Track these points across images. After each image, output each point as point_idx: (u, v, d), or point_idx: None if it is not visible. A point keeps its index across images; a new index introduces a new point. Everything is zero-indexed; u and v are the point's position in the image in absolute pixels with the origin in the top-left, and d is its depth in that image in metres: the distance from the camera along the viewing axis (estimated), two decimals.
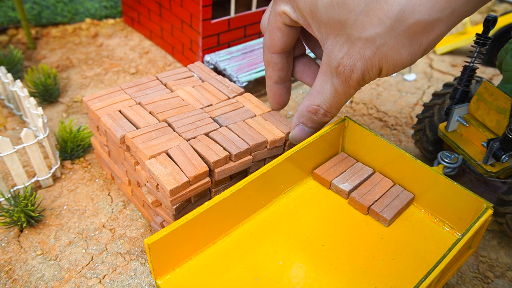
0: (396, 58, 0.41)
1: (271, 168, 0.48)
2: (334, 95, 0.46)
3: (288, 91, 0.55)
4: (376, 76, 0.44)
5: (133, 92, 0.59)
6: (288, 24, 0.48)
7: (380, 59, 0.41)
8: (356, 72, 0.42)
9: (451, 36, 1.01)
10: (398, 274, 0.45)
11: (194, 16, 0.79)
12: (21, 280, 0.50)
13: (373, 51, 0.41)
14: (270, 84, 0.54)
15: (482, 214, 0.45)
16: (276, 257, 0.46)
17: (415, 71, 0.92)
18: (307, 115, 0.50)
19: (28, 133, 0.56)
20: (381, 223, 0.50)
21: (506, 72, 0.54)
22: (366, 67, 0.42)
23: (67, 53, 0.89)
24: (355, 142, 0.56)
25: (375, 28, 0.39)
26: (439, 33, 0.40)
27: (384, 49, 0.40)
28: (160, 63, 0.88)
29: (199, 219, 0.43)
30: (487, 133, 0.56)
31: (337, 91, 0.45)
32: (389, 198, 0.51)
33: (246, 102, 0.59)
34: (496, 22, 0.54)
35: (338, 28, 0.42)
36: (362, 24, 0.40)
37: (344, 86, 0.45)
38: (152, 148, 0.50)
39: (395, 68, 0.42)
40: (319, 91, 0.47)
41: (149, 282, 0.50)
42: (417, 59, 0.42)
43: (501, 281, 0.53)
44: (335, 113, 0.49)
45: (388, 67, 0.42)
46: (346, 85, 0.44)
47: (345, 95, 0.46)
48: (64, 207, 0.58)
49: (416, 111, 0.80)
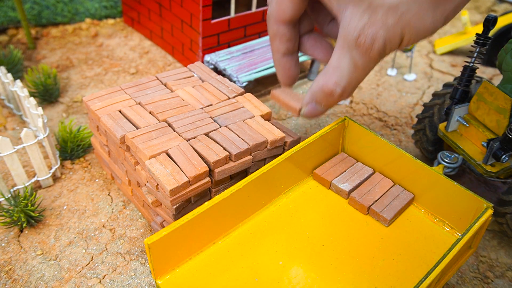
0: (419, 25, 0.40)
1: (271, 168, 0.48)
2: (353, 70, 0.43)
3: (297, 63, 0.52)
4: (397, 46, 0.42)
5: (133, 92, 0.59)
6: None
7: (403, 27, 0.40)
8: (378, 42, 0.40)
9: (451, 36, 1.01)
10: (398, 274, 0.45)
11: (194, 16, 0.79)
12: (21, 280, 0.50)
13: (396, 18, 0.39)
14: (278, 57, 0.51)
15: (482, 214, 0.45)
16: (276, 257, 0.46)
17: (415, 71, 0.92)
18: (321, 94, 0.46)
19: (28, 133, 0.56)
20: (381, 223, 0.50)
21: (506, 72, 0.54)
22: (388, 36, 0.40)
23: (67, 53, 0.89)
24: (355, 142, 0.56)
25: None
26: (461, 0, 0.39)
27: (408, 16, 0.39)
28: (160, 63, 0.88)
29: (199, 219, 0.43)
30: (487, 133, 0.56)
31: (356, 65, 0.43)
32: (389, 198, 0.51)
33: (246, 103, 0.59)
34: (496, 22, 0.54)
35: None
36: None
37: (365, 59, 0.42)
38: (152, 148, 0.50)
39: (418, 36, 0.41)
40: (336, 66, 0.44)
41: (149, 282, 0.50)
42: (439, 27, 0.41)
43: (501, 281, 0.53)
44: (352, 92, 0.46)
45: (411, 36, 0.41)
46: (366, 58, 0.42)
47: (365, 70, 0.43)
48: (64, 207, 0.58)
49: (416, 111, 0.80)
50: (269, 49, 0.81)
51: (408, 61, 0.94)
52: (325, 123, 0.76)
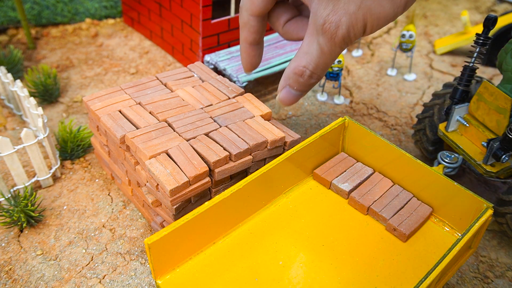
0: (379, 11, 0.42)
1: (271, 168, 0.48)
2: (320, 55, 0.47)
3: (260, 52, 0.56)
4: (361, 33, 0.44)
5: (133, 92, 0.59)
6: None
7: (365, 13, 0.42)
8: (342, 28, 0.43)
9: (451, 36, 1.01)
10: (398, 274, 0.45)
11: (194, 16, 0.79)
12: (21, 280, 0.50)
13: (357, 5, 0.42)
14: (245, 46, 0.55)
15: (482, 214, 0.45)
16: (276, 257, 0.46)
17: (415, 71, 0.92)
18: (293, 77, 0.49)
19: (28, 133, 0.56)
20: (381, 223, 0.50)
21: (506, 72, 0.54)
22: (351, 22, 0.43)
23: (67, 53, 0.89)
24: (355, 142, 0.56)
25: None
26: None
27: (368, 3, 0.42)
28: (160, 63, 0.88)
29: (199, 219, 0.43)
30: (487, 133, 0.56)
31: (323, 50, 0.46)
32: (388, 198, 0.51)
33: (246, 103, 0.59)
34: (496, 22, 0.54)
35: None
36: None
37: (330, 44, 0.45)
38: (152, 148, 0.50)
39: (379, 22, 0.43)
40: (306, 51, 0.47)
41: (149, 282, 0.50)
42: (399, 13, 0.43)
43: (501, 281, 0.53)
44: (321, 75, 0.49)
45: (373, 21, 0.43)
46: (332, 43, 0.45)
47: (331, 54, 0.46)
48: (64, 207, 0.58)
49: (416, 111, 0.80)
50: (269, 50, 0.82)
51: (408, 61, 0.94)
52: (325, 123, 0.76)
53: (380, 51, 0.98)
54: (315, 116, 0.77)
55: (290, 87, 0.51)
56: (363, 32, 0.44)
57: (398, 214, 0.49)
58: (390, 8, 0.42)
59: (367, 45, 1.01)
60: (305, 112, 0.78)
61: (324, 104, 0.81)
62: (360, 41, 0.99)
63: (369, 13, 0.42)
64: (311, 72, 0.48)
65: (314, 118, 0.77)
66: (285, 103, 0.52)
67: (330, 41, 0.44)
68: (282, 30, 0.54)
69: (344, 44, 0.45)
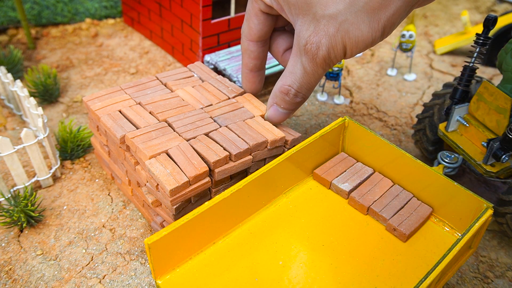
0: (358, 34, 0.43)
1: (271, 168, 0.48)
2: (303, 75, 0.48)
3: (261, 79, 0.58)
4: (342, 55, 0.45)
5: (133, 92, 0.59)
6: (264, 11, 0.50)
7: (343, 36, 0.43)
8: (322, 49, 0.44)
9: (451, 36, 1.01)
10: (398, 274, 0.45)
11: (194, 16, 0.79)
12: (21, 280, 0.50)
13: (336, 27, 0.43)
14: (246, 71, 0.57)
15: (482, 214, 0.45)
16: (276, 257, 0.46)
17: (415, 71, 0.92)
18: (279, 95, 0.51)
19: (28, 133, 0.56)
20: (381, 223, 0.50)
21: (506, 72, 0.54)
22: (330, 44, 0.44)
23: (67, 53, 0.89)
24: (355, 142, 0.56)
25: (336, 5, 0.42)
26: (395, 9, 0.42)
27: (346, 26, 0.43)
28: (160, 63, 0.88)
29: (199, 219, 0.43)
30: (487, 133, 0.56)
31: (306, 70, 0.47)
32: (388, 198, 0.51)
33: (246, 103, 0.59)
34: (496, 22, 0.54)
35: (305, 8, 0.44)
36: (326, 2, 0.43)
37: (312, 65, 0.46)
38: (152, 148, 0.50)
39: (358, 45, 0.44)
40: (291, 71, 0.49)
41: (149, 282, 0.50)
42: (377, 37, 0.44)
43: (501, 281, 0.53)
44: (306, 94, 0.51)
45: (352, 44, 0.44)
46: (313, 63, 0.46)
47: (314, 75, 0.48)
48: (64, 207, 0.58)
49: (416, 111, 0.80)
50: None
51: (408, 61, 0.94)
52: (325, 123, 0.76)
53: (380, 51, 0.98)
54: (315, 116, 0.77)
55: (277, 106, 0.53)
56: (343, 54, 0.45)
57: (398, 214, 0.49)
58: (368, 33, 0.43)
59: None
60: (305, 112, 0.78)
61: (324, 104, 0.81)
62: None
63: (347, 36, 0.43)
64: (295, 91, 0.50)
65: (314, 118, 0.77)
66: (273, 121, 0.55)
67: (311, 61, 0.46)
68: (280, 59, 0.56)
69: (325, 65, 0.46)
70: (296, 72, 0.48)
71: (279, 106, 0.53)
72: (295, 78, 0.49)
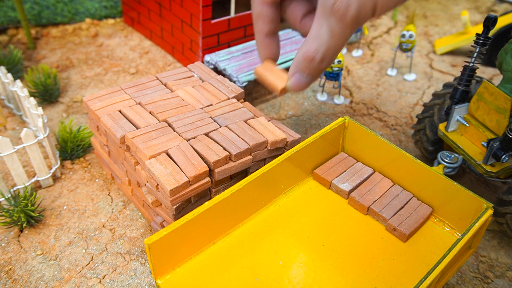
0: None
1: (271, 168, 0.48)
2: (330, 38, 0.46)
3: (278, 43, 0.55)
4: (371, 14, 0.44)
5: (133, 92, 0.59)
6: None
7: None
8: (351, 8, 0.43)
9: (451, 36, 1.01)
10: (398, 274, 0.45)
11: (194, 16, 0.79)
12: (21, 280, 0.50)
13: None
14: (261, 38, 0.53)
15: (482, 214, 0.45)
16: (276, 257, 0.46)
17: (415, 71, 0.92)
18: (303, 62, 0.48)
19: (28, 133, 0.56)
20: (381, 223, 0.50)
21: (506, 72, 0.54)
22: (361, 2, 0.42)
23: (67, 53, 0.89)
24: (355, 142, 0.56)
25: None
26: None
27: None
28: (160, 63, 0.88)
29: (199, 219, 0.43)
30: (487, 133, 0.56)
31: (333, 32, 0.45)
32: (388, 198, 0.51)
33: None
34: (496, 22, 0.54)
35: None
36: None
37: (340, 26, 0.44)
38: (152, 148, 0.50)
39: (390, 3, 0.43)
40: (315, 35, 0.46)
41: (149, 282, 0.50)
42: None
43: (501, 281, 0.53)
44: (332, 59, 0.48)
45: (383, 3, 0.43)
46: (342, 24, 0.44)
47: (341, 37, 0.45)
48: (64, 207, 0.58)
49: (416, 111, 0.80)
50: None
51: (408, 61, 0.94)
52: (325, 123, 0.76)
53: (380, 51, 0.98)
54: (315, 116, 0.77)
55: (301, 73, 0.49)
56: (372, 13, 0.43)
57: (398, 214, 0.49)
58: None
59: (367, 45, 1.01)
60: (305, 112, 0.78)
61: (324, 104, 0.81)
62: (360, 41, 0.99)
63: None
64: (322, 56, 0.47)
65: (314, 118, 0.77)
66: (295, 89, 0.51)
67: (340, 22, 0.44)
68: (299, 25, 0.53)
69: (355, 25, 0.44)
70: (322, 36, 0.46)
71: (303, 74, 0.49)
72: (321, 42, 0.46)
